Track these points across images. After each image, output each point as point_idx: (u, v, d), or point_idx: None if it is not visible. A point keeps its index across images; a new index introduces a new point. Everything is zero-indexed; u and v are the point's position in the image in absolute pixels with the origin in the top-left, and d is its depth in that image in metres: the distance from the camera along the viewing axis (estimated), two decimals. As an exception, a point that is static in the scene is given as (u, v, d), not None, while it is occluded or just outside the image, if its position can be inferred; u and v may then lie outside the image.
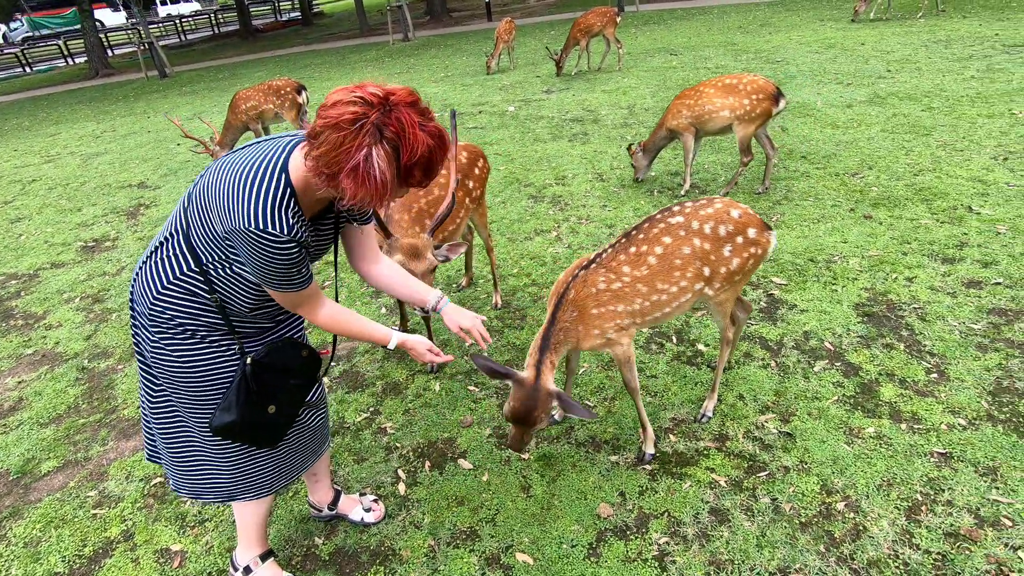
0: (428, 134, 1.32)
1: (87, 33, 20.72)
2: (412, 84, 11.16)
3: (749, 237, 2.30)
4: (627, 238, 2.27)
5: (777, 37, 10.86)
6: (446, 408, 3.00)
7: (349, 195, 1.30)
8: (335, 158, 1.26)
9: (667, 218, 2.28)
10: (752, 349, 3.12)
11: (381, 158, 1.27)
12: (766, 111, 4.48)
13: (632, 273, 2.19)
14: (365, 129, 1.25)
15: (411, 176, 1.35)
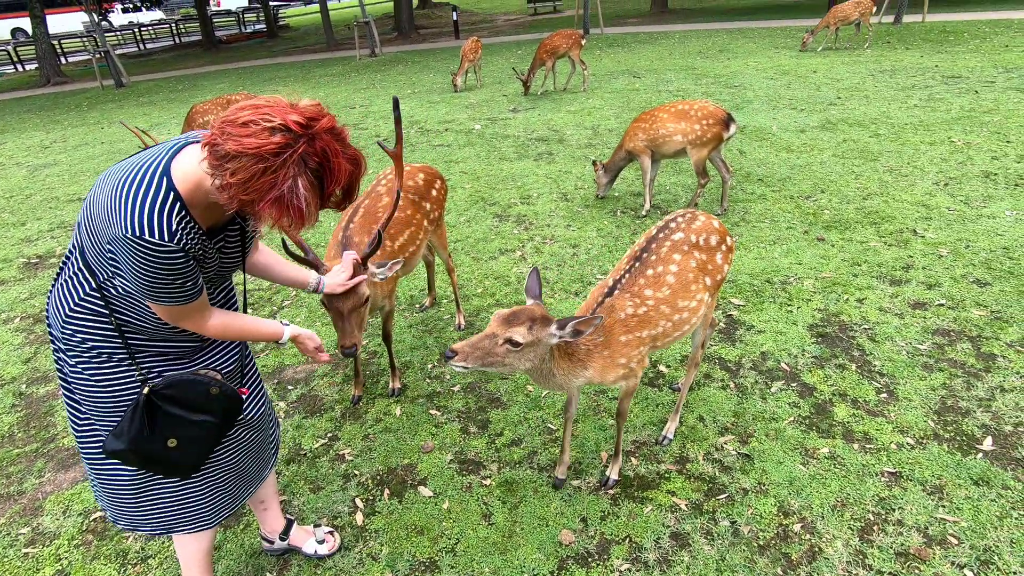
0: (349, 160, 1.34)
1: (38, 39, 19.96)
2: (379, 100, 11.21)
3: (727, 244, 2.45)
4: (639, 261, 2.24)
5: (735, 63, 11.27)
6: (407, 433, 2.94)
7: (268, 221, 1.30)
8: (255, 187, 1.23)
9: (670, 236, 2.30)
10: (712, 370, 3.17)
11: (305, 188, 1.26)
12: (717, 136, 4.66)
13: (655, 295, 2.18)
14: (291, 161, 1.23)
15: (329, 201, 1.36)
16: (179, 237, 1.33)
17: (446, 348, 1.90)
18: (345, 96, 12.03)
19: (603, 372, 2.14)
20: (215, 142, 1.24)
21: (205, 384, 1.59)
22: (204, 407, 1.60)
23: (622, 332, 2.13)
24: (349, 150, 1.34)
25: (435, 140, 8.09)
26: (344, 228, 2.80)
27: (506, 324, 1.86)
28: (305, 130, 1.25)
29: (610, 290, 2.19)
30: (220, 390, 1.61)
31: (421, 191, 3.21)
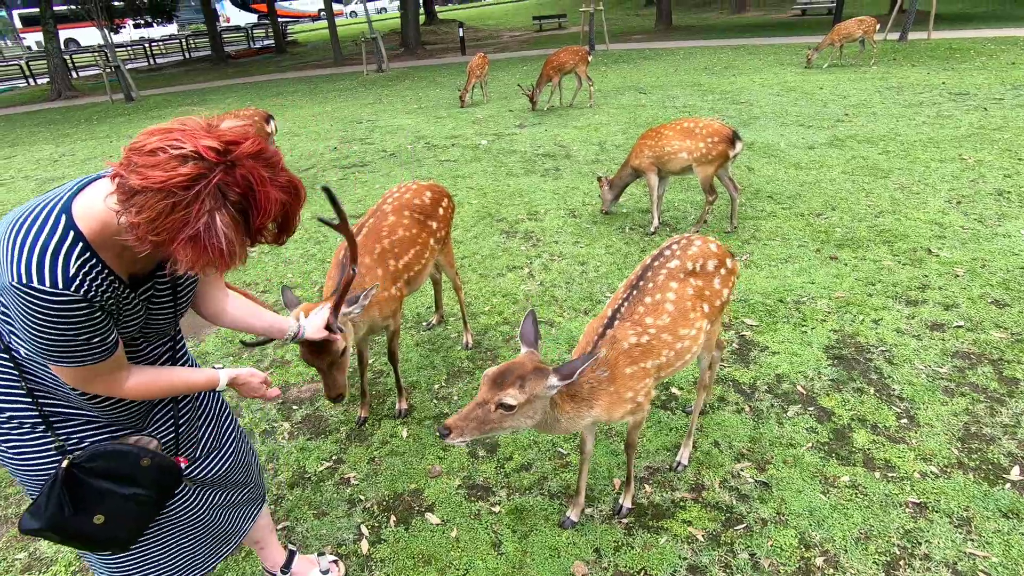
0: (280, 189, 1.14)
1: (51, 54, 20.24)
2: (385, 115, 11.25)
3: (728, 266, 2.40)
4: (637, 289, 2.18)
5: (741, 79, 11.29)
6: (414, 456, 2.87)
7: (185, 264, 1.10)
8: (164, 226, 1.05)
9: (665, 263, 2.25)
10: (726, 393, 3.09)
11: (226, 224, 1.07)
12: (722, 153, 4.63)
13: (656, 323, 2.10)
14: (205, 193, 1.04)
15: (262, 235, 1.17)
16: (79, 284, 1.14)
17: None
18: (352, 111, 12.09)
19: (610, 409, 2.04)
20: (121, 175, 1.07)
21: (135, 455, 1.39)
22: (135, 480, 1.39)
23: (627, 363, 2.03)
24: (281, 177, 1.15)
25: (441, 155, 8.09)
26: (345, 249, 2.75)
27: (496, 387, 1.72)
28: (222, 157, 1.06)
29: (609, 321, 2.09)
30: (152, 461, 1.40)
31: (427, 210, 3.16)
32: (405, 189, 3.18)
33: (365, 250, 2.77)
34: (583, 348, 2.09)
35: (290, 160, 8.50)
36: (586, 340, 2.13)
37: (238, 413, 3.29)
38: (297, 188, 1.19)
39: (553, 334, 3.74)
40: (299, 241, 5.55)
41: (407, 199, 3.10)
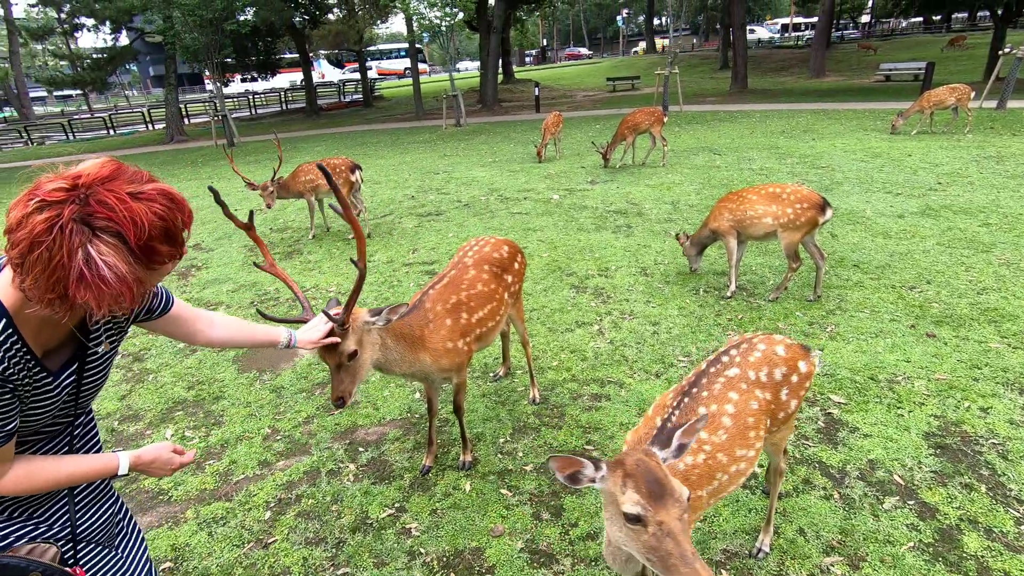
0: (149, 201, 1.09)
1: (169, 103, 22.65)
2: (461, 167, 11.69)
3: (801, 372, 2.08)
4: (689, 397, 1.90)
5: (821, 144, 11.02)
6: (476, 512, 2.80)
7: (95, 307, 1.06)
8: (52, 278, 1.02)
9: (723, 371, 1.97)
10: (812, 475, 2.87)
11: (105, 253, 1.03)
12: (811, 220, 4.46)
13: (711, 440, 1.81)
14: (66, 230, 1.01)
15: (154, 255, 1.11)
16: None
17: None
18: (430, 162, 12.68)
19: None
20: (7, 255, 1.07)
21: (21, 570, 1.22)
22: None
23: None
24: (148, 189, 1.10)
25: (513, 208, 8.27)
26: (422, 294, 2.81)
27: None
28: (70, 192, 1.03)
29: (659, 431, 1.70)
30: (42, 574, 1.24)
31: (505, 264, 3.20)
32: (484, 243, 3.24)
33: (440, 300, 2.81)
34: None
35: (370, 206, 8.95)
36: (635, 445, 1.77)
37: (306, 450, 3.36)
38: (171, 196, 1.13)
39: (622, 396, 3.63)
40: (374, 284, 5.75)
41: (486, 252, 3.15)
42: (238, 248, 7.44)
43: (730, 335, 4.27)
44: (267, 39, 26.69)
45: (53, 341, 1.24)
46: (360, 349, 2.33)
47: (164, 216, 1.10)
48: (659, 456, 1.45)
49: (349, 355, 2.29)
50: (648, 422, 1.88)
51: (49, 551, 1.29)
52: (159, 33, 19.65)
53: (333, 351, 2.25)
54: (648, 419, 1.90)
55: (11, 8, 26.11)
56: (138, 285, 1.08)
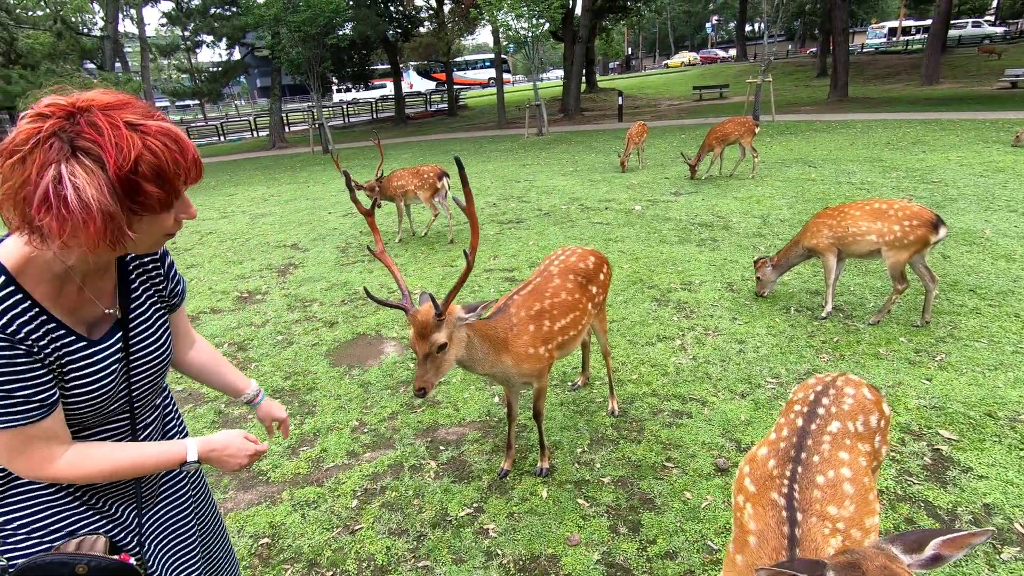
0: (145, 134, 0.97)
1: (272, 112, 24.44)
2: (541, 176, 11.80)
3: (886, 415, 1.90)
4: (803, 467, 1.63)
5: (932, 156, 10.18)
6: (552, 519, 2.82)
7: (55, 233, 0.94)
8: (19, 195, 0.94)
9: (825, 427, 1.73)
10: (916, 514, 2.66)
11: (77, 175, 0.92)
12: (921, 239, 4.13)
13: (841, 515, 1.54)
14: (44, 144, 0.93)
15: (138, 193, 0.98)
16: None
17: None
18: (511, 170, 12.88)
19: None
20: None
21: (68, 565, 1.18)
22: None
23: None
24: (147, 122, 0.98)
25: (594, 218, 8.24)
26: (507, 299, 2.87)
27: None
28: (64, 109, 0.95)
29: (791, 515, 1.51)
30: (88, 567, 1.18)
31: (590, 274, 3.21)
32: (571, 252, 3.27)
33: (524, 306, 2.87)
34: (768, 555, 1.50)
35: (453, 212, 9.21)
36: (772, 546, 1.50)
37: (391, 444, 3.51)
38: (175, 136, 1.01)
39: (705, 414, 3.53)
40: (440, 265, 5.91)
41: (572, 262, 3.18)
42: (331, 249, 7.90)
43: (823, 358, 4.04)
44: (362, 52, 28.17)
45: (88, 311, 1.16)
46: (449, 343, 2.43)
47: (157, 153, 0.98)
48: (904, 562, 1.15)
49: (439, 346, 2.39)
50: (758, 499, 1.60)
51: (98, 542, 1.23)
52: (268, 48, 21.29)
53: (425, 340, 2.36)
54: (754, 496, 1.62)
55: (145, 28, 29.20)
56: (109, 221, 0.95)
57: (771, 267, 4.97)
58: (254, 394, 1.65)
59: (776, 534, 1.51)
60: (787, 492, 1.57)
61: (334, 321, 5.40)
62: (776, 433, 1.77)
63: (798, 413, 1.79)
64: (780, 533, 1.50)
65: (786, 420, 1.79)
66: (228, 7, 23.12)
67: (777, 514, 1.54)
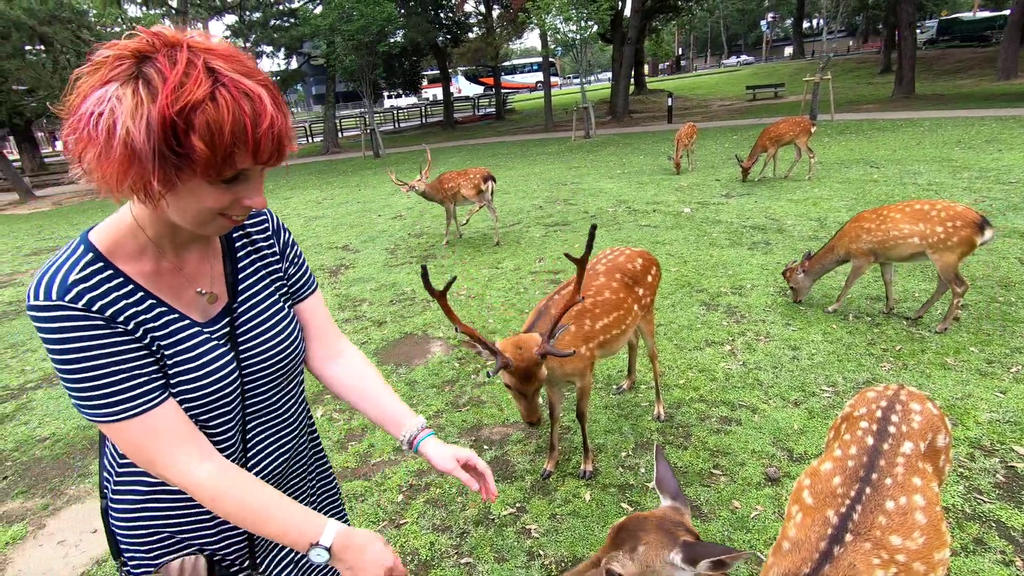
0: (220, 84, 0.82)
1: (327, 118, 25.29)
2: (589, 179, 11.75)
3: (950, 432, 1.77)
4: (872, 487, 1.52)
5: (1009, 155, 9.53)
6: (595, 522, 2.80)
7: (73, 155, 0.85)
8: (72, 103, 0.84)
9: (898, 448, 1.60)
10: (986, 535, 2.49)
11: (123, 99, 0.80)
12: (966, 240, 3.94)
13: (906, 546, 1.42)
14: (116, 63, 0.82)
15: (182, 144, 0.81)
16: (78, 293, 0.90)
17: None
18: (558, 173, 12.87)
19: None
20: None
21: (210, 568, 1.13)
22: None
23: None
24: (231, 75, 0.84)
25: (642, 220, 8.13)
26: (548, 299, 2.86)
27: (611, 545, 1.29)
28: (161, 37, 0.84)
29: (837, 534, 1.43)
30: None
31: (637, 275, 3.18)
32: (619, 253, 3.25)
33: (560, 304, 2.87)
34: (797, 560, 1.44)
35: (499, 215, 9.28)
36: (801, 555, 1.44)
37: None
38: (257, 102, 0.85)
39: (755, 421, 3.42)
40: (502, 290, 5.97)
41: (620, 262, 3.16)
42: (380, 251, 8.09)
43: (884, 366, 3.85)
44: (413, 58, 28.78)
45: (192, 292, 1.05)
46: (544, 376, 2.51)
47: (222, 108, 0.81)
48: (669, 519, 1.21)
49: (541, 382, 2.49)
50: (812, 513, 1.52)
51: (199, 562, 1.12)
52: (323, 57, 22.04)
53: (534, 381, 2.44)
54: (809, 509, 1.54)
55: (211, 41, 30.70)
56: (132, 157, 0.81)
57: (803, 274, 4.77)
58: (419, 428, 1.24)
59: (812, 547, 1.43)
60: (845, 512, 1.48)
61: (383, 320, 5.53)
62: (842, 450, 1.67)
63: (866, 431, 1.67)
64: (816, 547, 1.43)
65: (852, 437, 1.69)
66: (287, 19, 24.09)
67: (823, 530, 1.46)
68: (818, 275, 4.80)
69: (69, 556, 2.95)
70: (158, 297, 1.00)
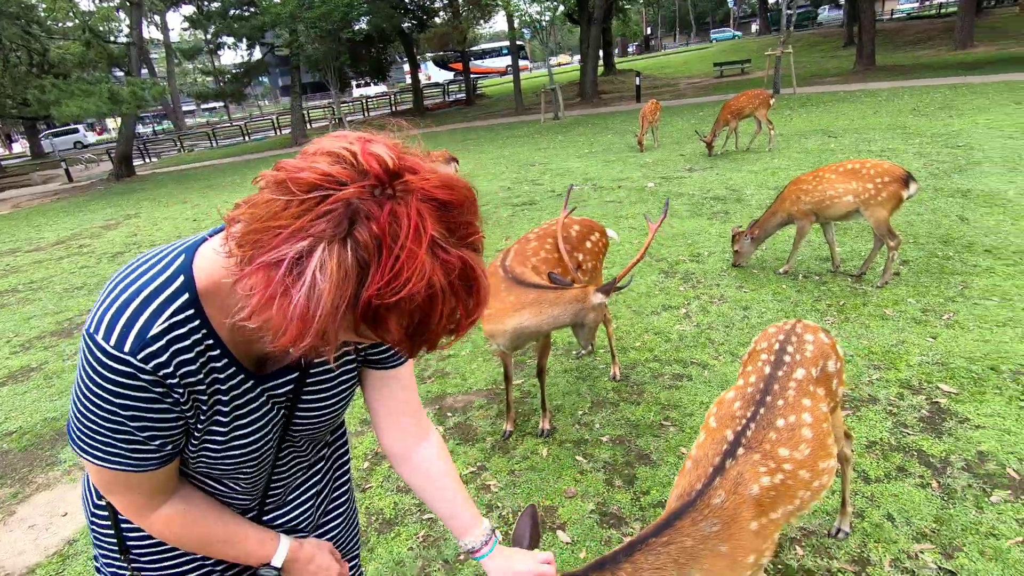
0: (443, 264, 0.68)
1: (294, 110, 24.89)
2: (557, 159, 11.83)
3: (840, 356, 1.97)
4: (766, 408, 1.68)
5: (960, 121, 9.86)
6: (551, 475, 2.94)
7: (251, 308, 0.69)
8: (255, 231, 0.68)
9: (791, 374, 1.77)
10: (908, 463, 2.69)
11: (326, 270, 0.64)
12: (894, 195, 4.21)
13: (792, 456, 1.60)
14: (326, 208, 0.65)
15: (377, 326, 0.69)
16: (154, 354, 0.79)
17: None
18: (527, 155, 12.93)
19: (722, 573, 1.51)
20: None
21: None
22: None
23: (753, 516, 1.51)
24: (452, 251, 0.69)
25: (607, 196, 8.27)
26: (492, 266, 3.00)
27: None
28: (384, 175, 0.67)
29: (730, 448, 1.59)
30: None
31: (573, 242, 3.33)
32: (554, 221, 3.39)
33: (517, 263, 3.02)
34: (693, 478, 1.59)
35: (468, 197, 9.34)
36: (697, 471, 1.59)
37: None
38: (474, 281, 0.72)
39: (705, 376, 3.59)
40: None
41: (552, 229, 3.30)
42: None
43: (828, 320, 4.05)
44: (379, 45, 28.39)
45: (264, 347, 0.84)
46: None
47: (437, 297, 0.69)
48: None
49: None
50: (713, 434, 1.68)
51: None
52: (286, 46, 21.65)
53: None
54: (712, 430, 1.70)
55: (169, 33, 29.97)
56: (313, 336, 0.67)
57: (750, 239, 4.97)
58: (482, 540, 1.15)
59: (708, 463, 1.58)
60: (740, 430, 1.63)
61: (350, 303, 5.58)
62: (744, 379, 1.84)
63: (765, 361, 1.84)
64: (711, 462, 1.58)
65: (753, 367, 1.85)
66: (246, 8, 23.56)
67: (719, 447, 1.61)
68: (762, 239, 5.00)
69: (40, 539, 3.01)
70: (229, 351, 0.88)
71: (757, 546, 1.53)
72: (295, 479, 1.14)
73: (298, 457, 1.11)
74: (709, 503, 1.49)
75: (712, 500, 1.50)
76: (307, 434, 1.07)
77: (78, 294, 7.11)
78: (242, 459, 0.96)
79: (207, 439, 0.92)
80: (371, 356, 1.09)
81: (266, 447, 0.99)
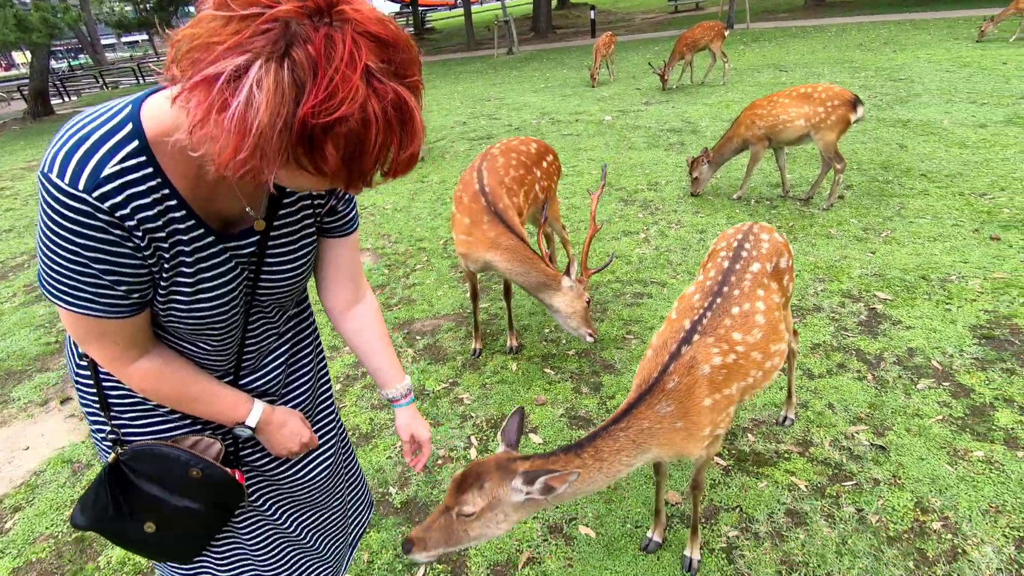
0: (375, 93, 0.70)
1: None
2: (512, 94, 11.59)
3: (791, 253, 2.11)
4: (722, 298, 1.80)
5: (902, 55, 10.16)
6: (521, 386, 3.07)
7: (191, 122, 0.70)
8: (195, 54, 0.68)
9: (747, 268, 1.89)
10: (847, 360, 2.94)
11: (263, 86, 0.66)
12: (843, 118, 4.37)
13: (745, 340, 1.73)
14: (264, 25, 0.66)
15: (315, 151, 0.71)
16: (108, 192, 0.80)
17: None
18: (481, 90, 12.58)
19: (678, 447, 1.65)
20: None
21: (184, 463, 1.10)
22: (185, 491, 1.12)
23: (707, 393, 1.65)
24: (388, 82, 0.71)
25: (565, 130, 8.21)
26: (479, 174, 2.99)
27: (456, 492, 1.43)
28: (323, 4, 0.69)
29: (687, 336, 1.71)
30: (203, 473, 1.10)
31: (533, 158, 3.34)
32: (512, 139, 3.38)
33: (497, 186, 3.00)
34: (652, 366, 1.70)
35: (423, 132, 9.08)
36: (656, 359, 1.71)
37: (370, 338, 3.70)
38: (408, 118, 0.74)
39: (664, 293, 3.76)
40: (428, 201, 5.98)
41: (513, 145, 3.30)
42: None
43: (778, 241, 4.25)
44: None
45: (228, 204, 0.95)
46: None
47: (371, 124, 0.70)
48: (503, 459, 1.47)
49: None
50: (672, 324, 1.80)
51: (213, 447, 1.15)
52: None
53: None
54: (672, 321, 1.82)
55: None
56: (255, 154, 0.69)
57: (707, 164, 5.10)
58: (401, 393, 1.35)
59: (666, 350, 1.70)
60: (697, 319, 1.75)
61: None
62: (704, 275, 1.96)
63: (724, 257, 1.96)
64: (669, 349, 1.69)
65: (713, 264, 1.97)
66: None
67: (677, 335, 1.73)
68: (719, 165, 5.13)
69: (3, 471, 2.95)
70: (189, 206, 0.89)
71: (712, 419, 1.67)
72: (268, 345, 1.20)
73: (268, 323, 1.17)
74: (664, 388, 1.62)
75: (667, 385, 1.62)
76: (274, 298, 1.12)
77: (7, 237, 6.66)
78: (209, 316, 0.99)
79: (174, 293, 0.94)
80: (327, 224, 1.16)
81: (232, 305, 1.02)
